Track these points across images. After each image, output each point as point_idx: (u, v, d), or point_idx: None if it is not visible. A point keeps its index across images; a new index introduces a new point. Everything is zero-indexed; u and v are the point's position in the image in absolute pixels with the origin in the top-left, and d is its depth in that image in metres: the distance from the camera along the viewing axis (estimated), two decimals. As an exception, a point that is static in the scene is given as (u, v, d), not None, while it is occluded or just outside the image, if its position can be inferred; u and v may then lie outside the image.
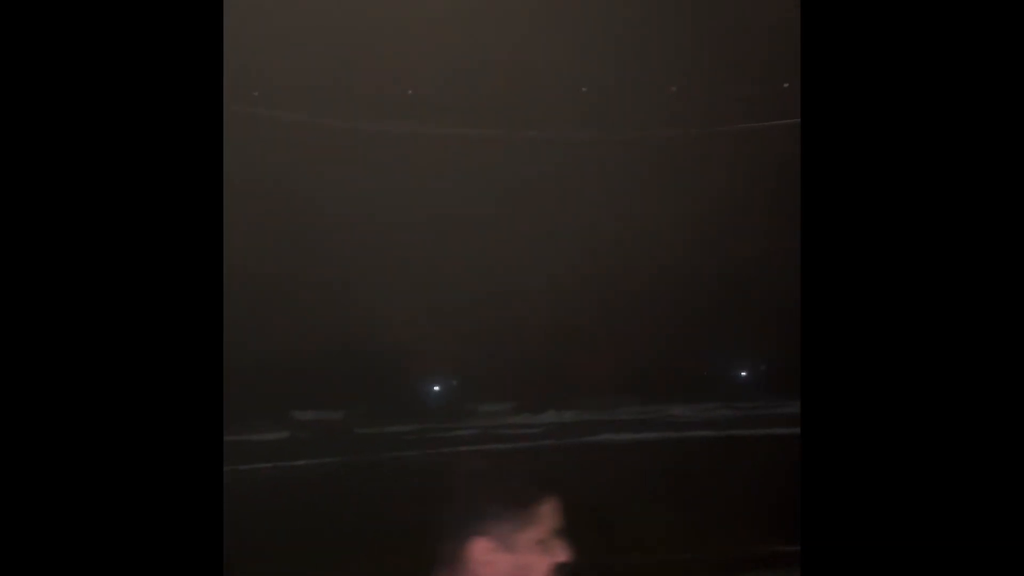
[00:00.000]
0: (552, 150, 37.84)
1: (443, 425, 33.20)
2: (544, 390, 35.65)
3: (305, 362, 33.91)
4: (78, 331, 2.35)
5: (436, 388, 38.46)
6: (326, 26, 34.75)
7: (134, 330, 2.39)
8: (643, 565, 13.39)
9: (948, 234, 2.51)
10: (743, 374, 37.19)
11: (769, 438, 24.66)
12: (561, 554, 2.39)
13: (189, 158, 2.46)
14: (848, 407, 2.51)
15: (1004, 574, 2.41)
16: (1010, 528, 2.39)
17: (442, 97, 37.20)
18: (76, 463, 2.32)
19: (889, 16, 2.58)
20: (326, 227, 36.26)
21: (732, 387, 36.27)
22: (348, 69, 35.78)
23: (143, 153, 2.41)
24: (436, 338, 35.62)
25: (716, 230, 36.06)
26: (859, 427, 2.50)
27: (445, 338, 35.68)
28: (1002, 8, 2.55)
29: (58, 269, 2.34)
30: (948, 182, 2.53)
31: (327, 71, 35.57)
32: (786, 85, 34.86)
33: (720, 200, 34.97)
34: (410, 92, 36.89)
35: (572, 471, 19.79)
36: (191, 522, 2.39)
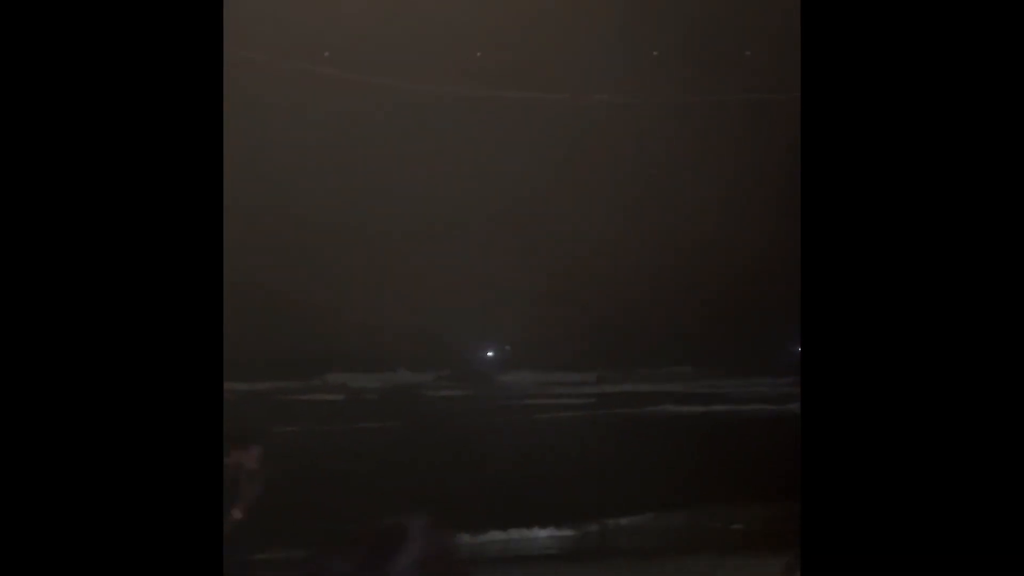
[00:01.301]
0: (615, 115, 37.55)
1: (505, 392, 33.37)
2: (606, 360, 35.57)
3: (370, 328, 34.18)
4: (84, 310, 2.36)
5: (494, 355, 38.54)
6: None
7: (145, 301, 2.39)
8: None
9: (948, 212, 2.47)
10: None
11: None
12: None
13: (192, 138, 2.47)
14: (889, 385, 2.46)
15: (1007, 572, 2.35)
16: (1012, 534, 2.34)
17: (509, 61, 37.08)
18: (86, 448, 2.34)
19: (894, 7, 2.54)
20: (392, 188, 36.47)
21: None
22: (415, 32, 35.80)
23: (165, 130, 2.42)
24: (497, 304, 35.68)
25: (775, 195, 35.63)
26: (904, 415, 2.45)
27: (504, 304, 35.74)
28: None
29: (85, 240, 2.35)
30: (950, 168, 2.49)
31: (396, 35, 35.61)
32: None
33: (772, 165, 34.51)
34: (479, 54, 36.87)
35: (634, 438, 19.83)
36: (189, 501, 2.40)
